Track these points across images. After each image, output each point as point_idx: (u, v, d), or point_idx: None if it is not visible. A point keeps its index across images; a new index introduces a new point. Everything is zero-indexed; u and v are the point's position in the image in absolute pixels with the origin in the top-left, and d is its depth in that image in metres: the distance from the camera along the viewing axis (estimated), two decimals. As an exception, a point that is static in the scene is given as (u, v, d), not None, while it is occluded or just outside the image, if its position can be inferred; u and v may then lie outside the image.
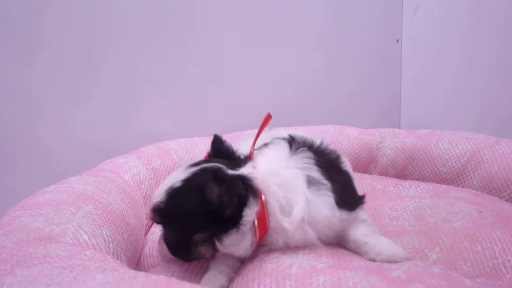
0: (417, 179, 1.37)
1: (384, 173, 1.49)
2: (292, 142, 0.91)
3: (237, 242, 0.76)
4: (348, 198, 0.83)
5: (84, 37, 1.52)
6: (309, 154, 0.86)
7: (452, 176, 1.28)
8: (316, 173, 0.81)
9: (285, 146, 0.88)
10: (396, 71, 2.08)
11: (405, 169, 1.42)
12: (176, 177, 0.77)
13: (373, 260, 0.80)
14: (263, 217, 0.75)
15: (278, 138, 0.96)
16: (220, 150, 0.89)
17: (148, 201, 1.26)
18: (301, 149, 0.87)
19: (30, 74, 1.45)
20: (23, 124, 1.47)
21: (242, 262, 0.81)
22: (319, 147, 0.96)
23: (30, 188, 0.93)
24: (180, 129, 1.66)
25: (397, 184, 1.29)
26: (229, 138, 1.57)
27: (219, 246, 0.76)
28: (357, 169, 1.55)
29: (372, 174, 1.51)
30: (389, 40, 2.06)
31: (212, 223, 0.74)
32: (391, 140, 1.48)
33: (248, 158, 0.83)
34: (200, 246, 0.77)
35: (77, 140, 1.55)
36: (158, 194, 0.77)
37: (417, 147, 1.39)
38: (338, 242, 0.87)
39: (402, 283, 0.64)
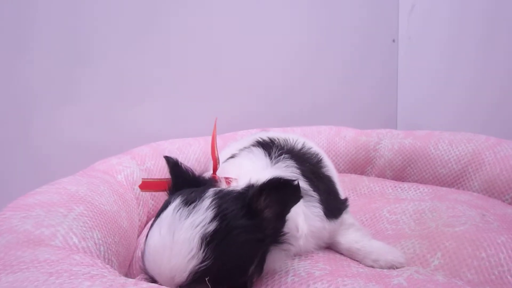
0: (416, 181, 1.35)
1: (381, 175, 1.46)
2: (271, 148, 0.88)
3: (280, 257, 0.71)
4: (333, 206, 0.84)
5: (75, 35, 1.48)
6: (291, 162, 0.84)
7: (452, 179, 1.26)
8: (304, 184, 0.79)
9: (261, 154, 0.85)
10: (392, 72, 2.06)
11: (403, 171, 1.40)
12: (191, 226, 0.58)
13: (372, 267, 0.78)
14: None
15: (256, 143, 0.93)
16: (180, 175, 0.75)
17: (142, 202, 1.23)
18: (283, 156, 0.85)
19: (21, 73, 1.41)
20: (14, 123, 1.43)
21: None
22: (300, 150, 0.94)
23: (22, 189, 0.89)
24: (174, 129, 1.63)
25: (395, 186, 1.27)
26: (223, 139, 1.58)
27: (267, 267, 0.69)
28: (354, 170, 1.53)
29: (369, 176, 1.49)
30: (385, 40, 2.04)
31: (260, 246, 0.65)
32: (389, 141, 1.46)
33: (214, 180, 0.74)
34: (255, 277, 0.67)
35: (70, 140, 1.51)
36: (185, 257, 0.56)
37: (415, 148, 1.37)
38: (330, 246, 0.87)
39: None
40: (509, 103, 1.57)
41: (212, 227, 0.58)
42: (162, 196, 1.34)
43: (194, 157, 1.42)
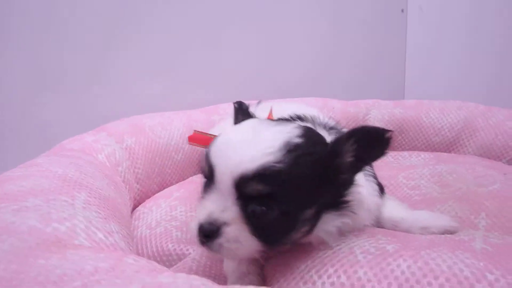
0: (408, 150, 1.35)
1: (372, 145, 1.45)
2: (309, 122, 0.81)
3: (333, 223, 0.63)
4: (379, 183, 0.81)
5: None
6: None
7: (446, 146, 1.28)
8: None
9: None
10: (401, 42, 2.01)
11: (394, 141, 1.40)
12: (279, 131, 0.57)
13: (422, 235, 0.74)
14: None
15: (285, 119, 0.85)
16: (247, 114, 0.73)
17: (128, 186, 1.05)
18: (331, 130, 0.80)
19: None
20: None
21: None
22: (332, 128, 0.87)
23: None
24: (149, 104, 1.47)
25: (396, 155, 1.26)
26: (206, 112, 1.43)
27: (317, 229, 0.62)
28: (343, 142, 1.49)
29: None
30: (394, 10, 1.98)
31: (326, 190, 0.60)
32: (378, 112, 1.44)
33: None
34: (304, 227, 0.60)
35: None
36: (261, 151, 0.53)
37: (407, 118, 1.37)
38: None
39: (498, 256, 0.57)
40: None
41: (297, 140, 0.56)
42: (148, 180, 1.17)
43: (178, 133, 1.26)
